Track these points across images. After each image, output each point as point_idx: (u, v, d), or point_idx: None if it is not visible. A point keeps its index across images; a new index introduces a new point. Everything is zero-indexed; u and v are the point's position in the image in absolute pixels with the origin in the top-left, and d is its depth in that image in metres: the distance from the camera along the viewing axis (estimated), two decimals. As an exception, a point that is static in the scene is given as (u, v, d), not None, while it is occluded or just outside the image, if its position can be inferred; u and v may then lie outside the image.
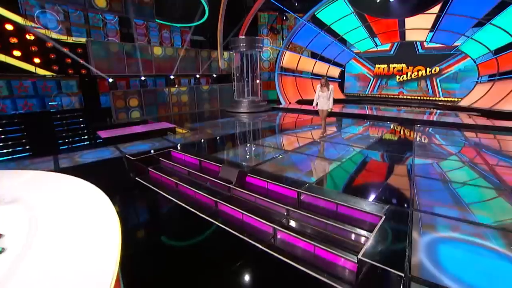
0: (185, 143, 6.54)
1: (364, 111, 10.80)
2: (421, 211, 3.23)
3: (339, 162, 4.98)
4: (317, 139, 6.65)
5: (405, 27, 12.40)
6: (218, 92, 13.42)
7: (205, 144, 6.58)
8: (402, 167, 4.80)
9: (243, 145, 6.47)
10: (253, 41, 11.99)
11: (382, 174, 4.62)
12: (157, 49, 11.27)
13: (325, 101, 6.42)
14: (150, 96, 11.09)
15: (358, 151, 5.60)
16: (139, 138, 7.20)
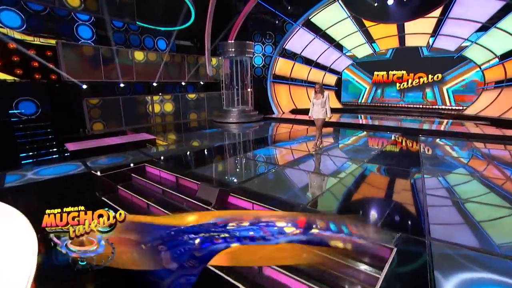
0: (163, 157, 6.23)
1: (363, 120, 10.65)
2: (440, 241, 2.75)
3: (337, 179, 4.56)
4: (312, 151, 6.24)
5: (404, 32, 12.44)
6: (205, 100, 13.15)
7: (186, 158, 6.28)
8: (410, 184, 4.42)
9: (229, 159, 6.17)
10: (243, 45, 11.82)
11: (387, 192, 4.23)
12: (139, 53, 10.90)
13: (319, 109, 6.02)
14: (130, 105, 10.69)
15: (358, 165, 5.29)
16: (112, 151, 6.80)
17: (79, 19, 9.49)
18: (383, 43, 13.59)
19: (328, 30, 13.40)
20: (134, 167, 5.42)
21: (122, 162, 5.71)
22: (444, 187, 4.36)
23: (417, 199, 3.83)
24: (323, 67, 15.00)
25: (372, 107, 14.42)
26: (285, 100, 14.60)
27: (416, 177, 4.64)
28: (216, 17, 11.59)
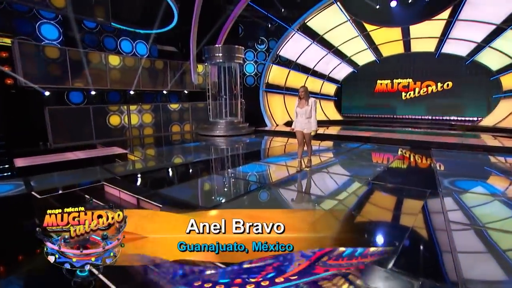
0: (130, 174, 5.87)
1: (366, 133, 10.26)
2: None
3: (335, 201, 3.93)
4: (305, 168, 5.60)
5: (410, 36, 12.28)
6: (190, 111, 12.80)
7: (156, 175, 5.86)
8: (426, 207, 3.81)
9: (206, 177, 5.76)
10: (232, 50, 11.50)
11: (399, 219, 3.63)
12: (114, 58, 10.47)
13: (304, 120, 5.13)
14: (102, 115, 10.22)
15: (361, 184, 4.79)
16: (70, 168, 6.31)
17: (43, 16, 9.05)
18: (386, 49, 13.50)
19: (326, 35, 13.27)
20: (90, 186, 4.95)
21: (77, 181, 5.20)
22: (470, 212, 3.73)
23: (438, 228, 3.23)
24: (321, 75, 14.89)
25: (376, 119, 14.18)
26: (279, 112, 14.34)
27: (432, 199, 4.08)
28: (203, 20, 11.37)
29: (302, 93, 5.09)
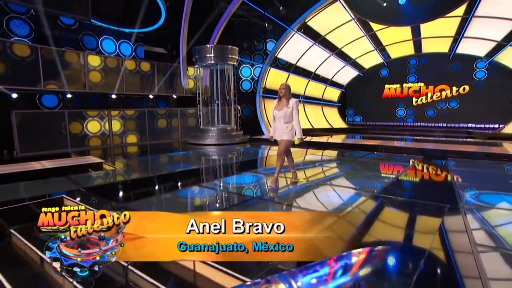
0: (98, 186, 5.71)
1: (373, 141, 10.02)
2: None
3: (333, 218, 3.43)
4: (295, 180, 5.16)
5: (421, 35, 12.15)
6: (179, 118, 12.55)
7: (128, 187, 5.66)
8: (444, 225, 3.42)
9: (183, 189, 5.52)
10: (225, 51, 11.24)
11: (412, 241, 3.21)
12: (94, 58, 10.20)
13: (282, 126, 4.43)
14: (79, 121, 9.93)
15: (365, 198, 4.41)
16: (34, 178, 6.07)
17: (12, 10, 8.82)
18: (395, 50, 13.44)
19: (329, 36, 13.18)
20: (47, 200, 4.57)
21: (32, 193, 4.87)
22: (499, 235, 3.26)
23: (461, 250, 2.85)
24: (324, 79, 14.83)
25: (384, 127, 14.13)
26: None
27: (452, 215, 3.69)
28: (195, 18, 11.25)
29: (283, 90, 4.41)
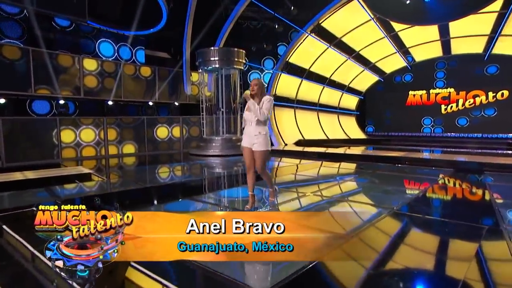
0: (77, 198, 5.78)
1: (395, 152, 9.75)
2: None
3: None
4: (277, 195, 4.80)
5: (449, 35, 11.84)
6: (181, 126, 12.48)
7: (108, 199, 5.59)
8: (485, 253, 3.01)
9: (170, 202, 5.40)
10: (231, 54, 11.14)
11: (442, 269, 2.82)
12: (90, 62, 10.25)
13: (253, 130, 3.82)
14: (72, 129, 9.94)
15: (382, 215, 4.05)
16: (11, 189, 6.03)
17: (4, 11, 8.99)
18: (420, 52, 13.19)
19: (346, 38, 13.01)
20: (17, 212, 4.46)
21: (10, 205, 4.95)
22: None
23: (505, 284, 2.51)
24: (340, 85, 14.72)
25: (408, 138, 13.88)
26: (289, 129, 13.97)
27: (492, 239, 3.34)
28: (199, 20, 11.25)
29: (255, 87, 3.76)
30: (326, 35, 12.91)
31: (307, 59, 13.69)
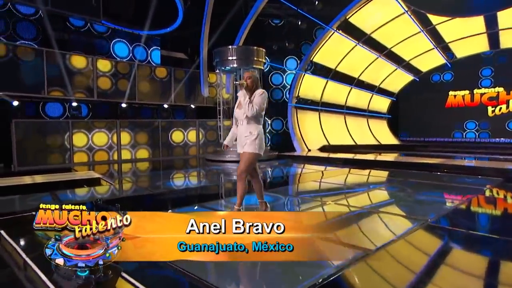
0: (79, 203, 5.54)
1: (432, 159, 9.41)
2: None
3: (363, 256, 2.91)
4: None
5: (498, 27, 11.35)
6: (197, 130, 12.50)
7: (111, 205, 5.52)
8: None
9: (172, 209, 5.30)
10: (250, 52, 11.08)
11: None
12: (104, 63, 10.46)
13: (244, 131, 3.58)
14: (85, 132, 10.12)
15: (413, 227, 3.84)
16: (16, 193, 6.14)
17: (19, 12, 9.31)
18: (462, 47, 12.75)
19: (376, 34, 12.87)
20: (14, 217, 4.52)
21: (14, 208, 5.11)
22: None
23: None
24: (370, 86, 14.48)
25: (449, 144, 13.36)
26: (313, 133, 13.81)
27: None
28: (217, 18, 11.23)
29: (248, 80, 3.49)
30: (354, 31, 12.71)
31: (333, 58, 13.50)
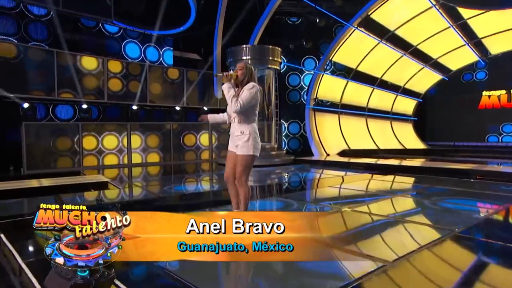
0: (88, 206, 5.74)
1: (462, 165, 9.15)
2: None
3: (386, 258, 2.93)
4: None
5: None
6: (210, 133, 12.46)
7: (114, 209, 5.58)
8: None
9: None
10: (264, 52, 11.13)
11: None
12: (114, 64, 10.59)
13: (235, 130, 3.43)
14: (94, 135, 10.23)
15: (439, 237, 3.74)
16: (19, 196, 6.27)
17: (32, 13, 9.53)
18: (497, 43, 12.41)
19: (400, 30, 12.70)
20: (15, 220, 4.66)
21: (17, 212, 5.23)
22: None
23: None
24: (394, 86, 14.30)
25: (482, 149, 12.82)
26: (332, 137, 13.74)
27: None
28: (231, 17, 11.30)
29: (240, 72, 3.31)
30: (377, 28, 12.51)
31: (354, 57, 13.37)
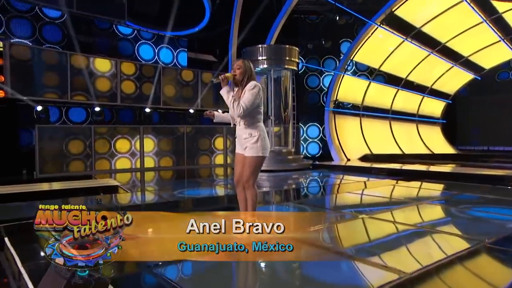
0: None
1: (495, 171, 8.95)
2: None
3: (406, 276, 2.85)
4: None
5: None
6: (225, 137, 12.43)
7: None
8: None
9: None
10: (281, 51, 11.15)
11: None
12: (128, 66, 10.73)
13: (242, 132, 3.40)
14: (108, 138, 10.35)
15: (468, 247, 3.71)
16: (26, 200, 6.39)
17: (46, 16, 9.79)
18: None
19: (427, 27, 12.64)
20: (19, 223, 4.63)
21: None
22: None
23: None
24: (420, 87, 14.18)
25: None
26: (353, 141, 13.75)
27: None
28: (247, 16, 11.40)
29: (238, 70, 3.26)
30: (401, 25, 12.43)
31: (377, 56, 13.34)
